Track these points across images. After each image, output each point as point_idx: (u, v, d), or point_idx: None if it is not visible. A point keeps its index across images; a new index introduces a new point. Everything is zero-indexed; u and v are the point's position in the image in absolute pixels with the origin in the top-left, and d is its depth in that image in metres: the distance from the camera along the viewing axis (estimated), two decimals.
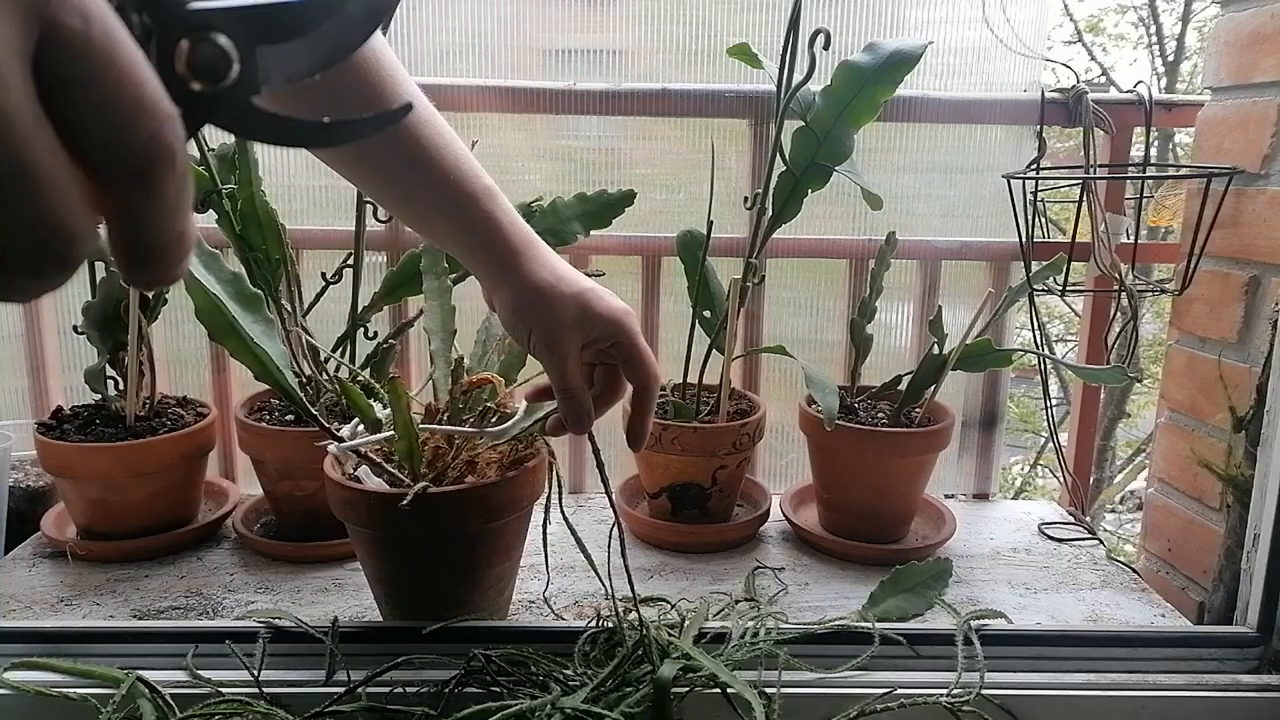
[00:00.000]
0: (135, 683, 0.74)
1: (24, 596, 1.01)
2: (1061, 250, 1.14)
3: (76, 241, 0.23)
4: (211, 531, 1.15)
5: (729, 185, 1.26)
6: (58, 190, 0.22)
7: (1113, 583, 1.09)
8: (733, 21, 1.22)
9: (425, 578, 0.85)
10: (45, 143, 0.22)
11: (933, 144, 1.29)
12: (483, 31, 1.23)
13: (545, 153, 1.30)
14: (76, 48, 0.22)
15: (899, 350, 1.35)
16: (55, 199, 0.22)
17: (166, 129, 0.24)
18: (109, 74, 0.22)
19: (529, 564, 1.00)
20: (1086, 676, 0.82)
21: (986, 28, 1.22)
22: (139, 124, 0.23)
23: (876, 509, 1.14)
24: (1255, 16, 0.96)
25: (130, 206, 0.24)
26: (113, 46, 0.23)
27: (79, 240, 0.23)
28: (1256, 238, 0.96)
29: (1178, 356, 1.08)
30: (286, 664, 0.80)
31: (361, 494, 0.81)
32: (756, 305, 1.31)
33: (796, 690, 0.78)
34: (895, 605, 0.94)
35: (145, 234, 0.25)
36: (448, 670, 0.77)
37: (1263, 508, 0.86)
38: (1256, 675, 0.84)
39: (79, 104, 0.22)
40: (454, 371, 0.89)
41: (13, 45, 0.21)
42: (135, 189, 0.24)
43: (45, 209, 0.22)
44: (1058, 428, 1.61)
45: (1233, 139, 1.00)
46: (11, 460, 1.18)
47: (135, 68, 0.23)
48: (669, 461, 1.12)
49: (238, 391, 1.29)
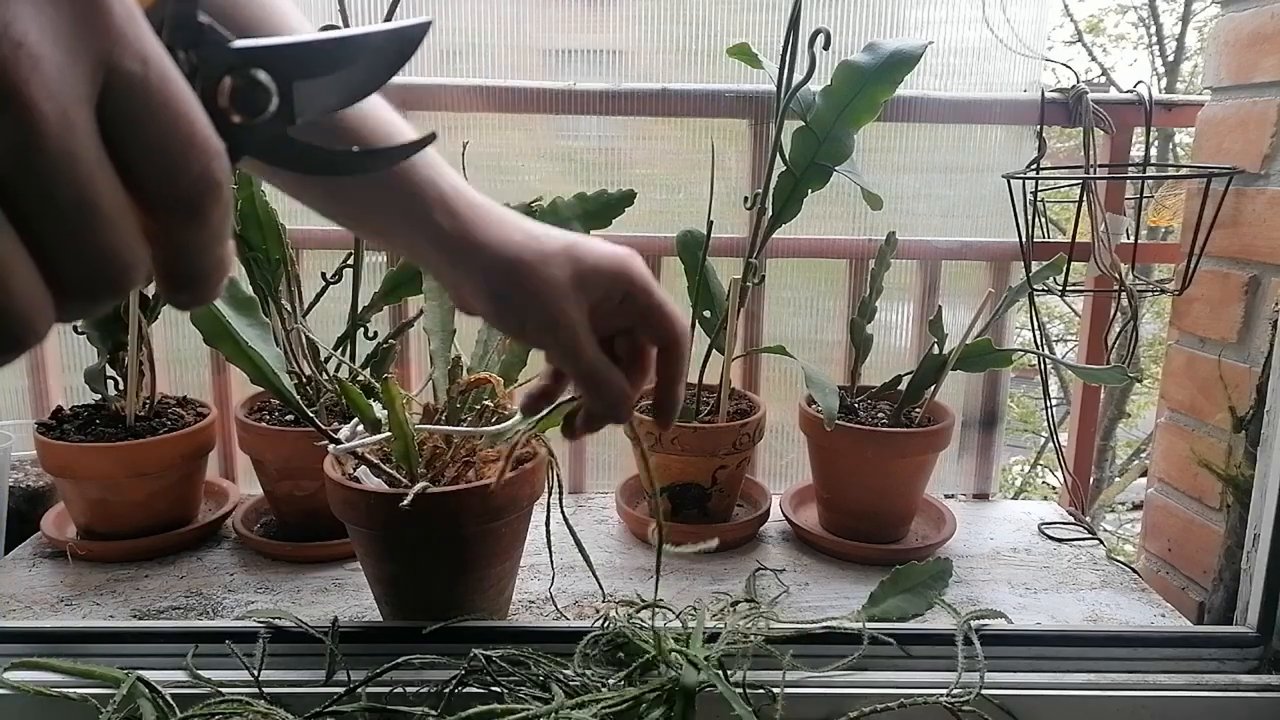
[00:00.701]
0: (135, 683, 0.74)
1: (24, 596, 1.01)
2: (1061, 250, 1.14)
3: (131, 271, 0.25)
4: (211, 531, 1.15)
5: (729, 185, 1.26)
6: (117, 224, 0.24)
7: (1113, 583, 1.09)
8: (733, 21, 1.22)
9: (425, 578, 0.85)
10: (107, 179, 0.23)
11: (933, 144, 1.29)
12: (483, 31, 1.23)
13: (545, 153, 1.30)
14: (136, 90, 0.23)
15: (899, 350, 1.35)
16: (115, 232, 0.24)
17: (215, 164, 0.25)
18: (165, 113, 0.24)
19: (529, 564, 1.00)
20: (1086, 676, 0.82)
21: (986, 28, 1.22)
22: (191, 160, 0.25)
23: (876, 509, 1.14)
24: (1255, 16, 0.96)
25: (179, 236, 0.25)
26: (168, 87, 0.24)
27: (134, 269, 0.25)
28: (1256, 238, 0.96)
29: (1178, 356, 1.08)
30: (286, 664, 0.80)
31: (361, 494, 0.81)
32: (756, 305, 1.31)
33: (797, 690, 0.78)
34: (895, 605, 0.94)
35: (191, 261, 0.26)
36: (448, 670, 0.77)
37: (1263, 508, 0.86)
38: (1256, 675, 0.83)
39: (137, 142, 0.24)
40: (451, 371, 0.89)
41: (80, 91, 0.22)
42: (185, 220, 0.25)
43: (106, 241, 0.24)
44: (1058, 428, 1.61)
45: (1233, 139, 1.00)
46: (11, 460, 1.18)
47: (188, 107, 0.25)
48: (669, 461, 1.12)
49: (238, 391, 1.29)
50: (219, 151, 0.25)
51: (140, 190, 0.24)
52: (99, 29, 0.23)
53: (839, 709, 0.77)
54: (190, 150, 0.24)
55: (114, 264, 0.24)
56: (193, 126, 0.25)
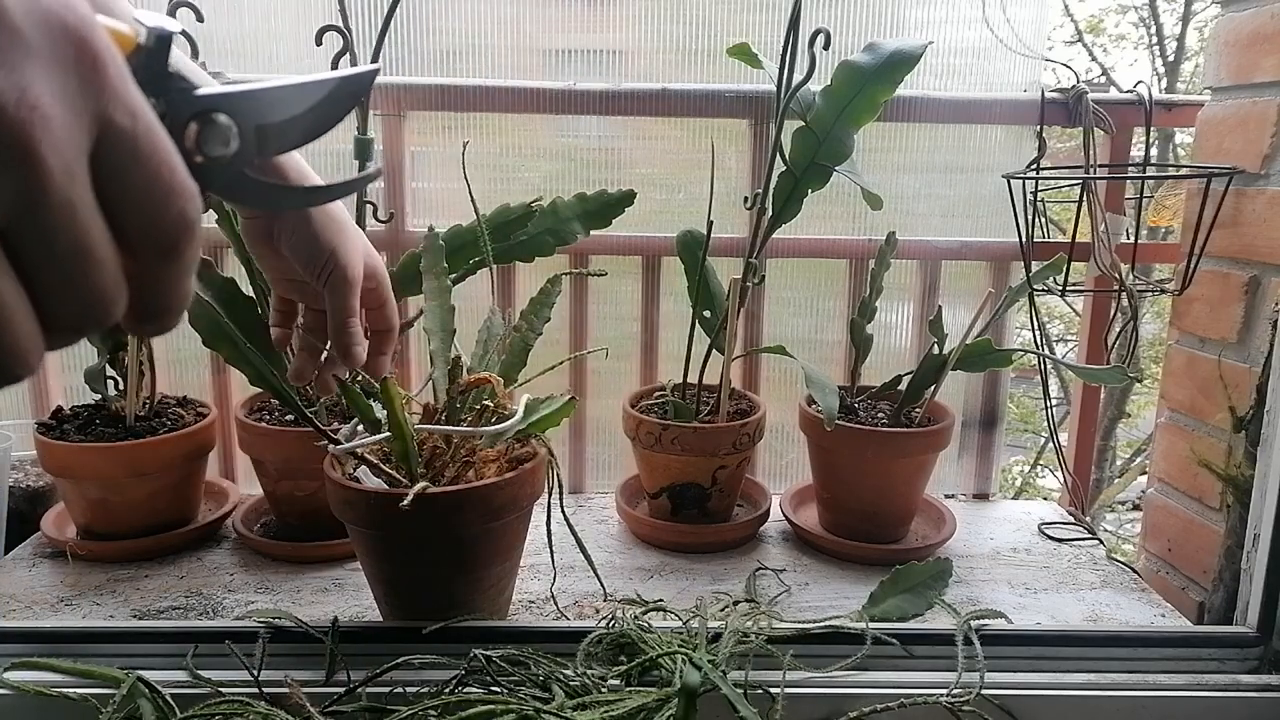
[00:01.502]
0: (135, 683, 0.74)
1: (24, 596, 1.01)
2: (1061, 250, 1.14)
3: (114, 307, 0.27)
4: (211, 531, 1.15)
5: (729, 185, 1.26)
6: (106, 266, 0.26)
7: (1113, 583, 1.09)
8: (733, 21, 1.22)
9: (425, 578, 0.85)
10: (98, 225, 0.25)
11: (933, 144, 1.29)
12: (483, 31, 1.24)
13: (545, 152, 1.30)
14: (125, 142, 0.25)
15: (899, 350, 1.35)
16: (103, 273, 0.26)
17: (191, 206, 0.27)
18: (151, 163, 0.26)
19: (529, 564, 1.00)
20: (1086, 676, 0.82)
21: (986, 28, 1.22)
22: (170, 203, 0.27)
23: (876, 509, 1.14)
24: (1255, 16, 0.96)
25: (154, 272, 0.27)
26: (153, 138, 0.26)
27: (117, 306, 0.27)
28: (1256, 238, 0.96)
29: (1178, 356, 1.08)
30: (286, 664, 0.80)
31: (361, 494, 0.81)
32: (756, 305, 1.31)
33: (797, 690, 0.78)
34: (895, 605, 0.94)
35: (162, 295, 0.28)
36: (448, 670, 0.77)
37: (1263, 508, 0.86)
38: (1256, 675, 0.84)
39: (123, 188, 0.26)
40: (451, 371, 0.89)
41: (81, 145, 0.24)
42: (161, 258, 0.27)
43: (95, 283, 0.26)
44: (1058, 428, 1.60)
45: (1233, 139, 1.00)
46: (11, 460, 1.18)
47: (169, 155, 0.27)
48: (669, 461, 1.12)
49: (238, 391, 1.29)
50: (194, 194, 0.27)
51: (122, 231, 0.26)
52: (97, 87, 0.25)
53: (839, 709, 0.77)
54: (170, 194, 0.26)
55: (102, 303, 0.26)
56: (174, 173, 0.27)
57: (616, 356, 1.32)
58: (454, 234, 1.02)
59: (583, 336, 1.32)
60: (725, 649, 0.78)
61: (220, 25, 1.17)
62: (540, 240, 1.03)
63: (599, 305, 1.31)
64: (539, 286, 0.98)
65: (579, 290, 1.30)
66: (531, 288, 1.04)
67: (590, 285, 1.30)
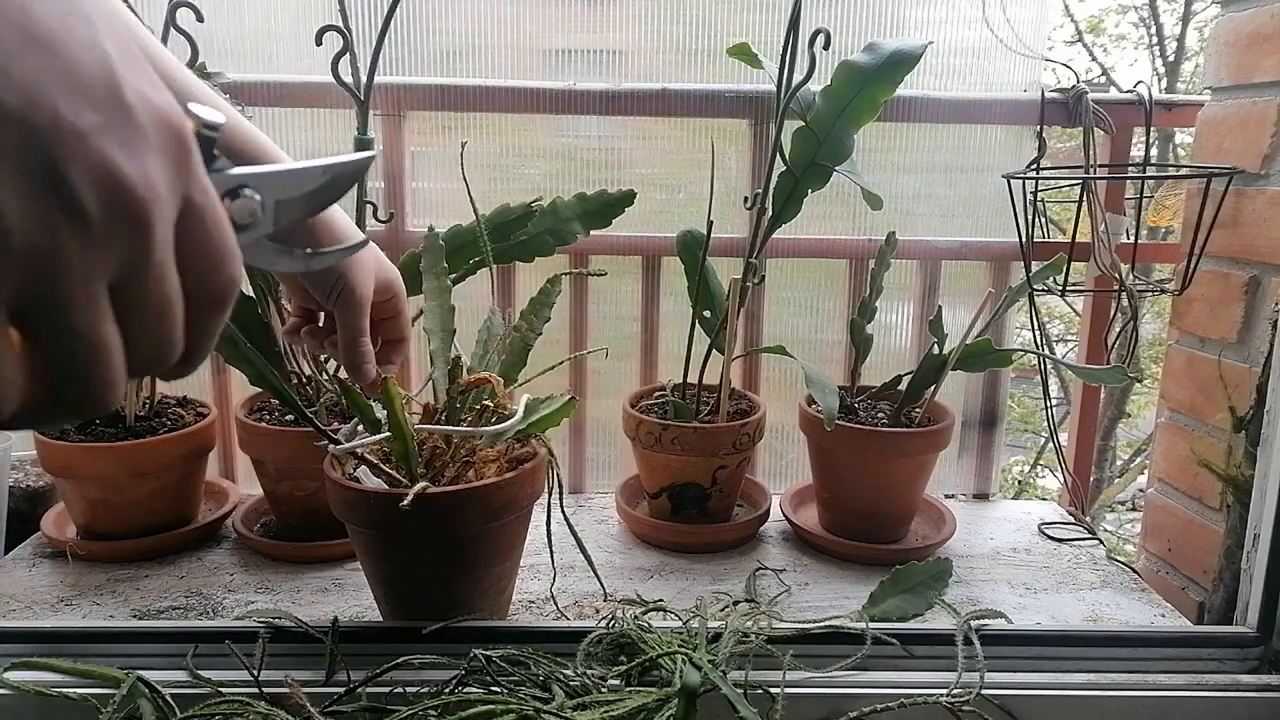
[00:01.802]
0: (135, 683, 0.74)
1: (24, 596, 1.01)
2: (1061, 250, 1.14)
3: (178, 352, 0.31)
4: (211, 531, 1.15)
5: (729, 185, 1.26)
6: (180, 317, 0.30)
7: (1113, 583, 1.09)
8: (733, 21, 1.22)
9: (425, 578, 0.85)
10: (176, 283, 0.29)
11: (933, 144, 1.29)
12: (483, 31, 1.24)
13: (545, 152, 1.30)
14: (198, 216, 0.30)
15: (899, 350, 1.35)
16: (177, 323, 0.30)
17: (238, 269, 0.32)
18: (215, 233, 0.31)
19: (529, 564, 1.00)
20: (1086, 676, 0.82)
21: (986, 28, 1.22)
22: (225, 265, 0.31)
23: (876, 509, 1.14)
24: (1255, 16, 0.96)
25: (202, 322, 0.31)
26: (216, 212, 0.31)
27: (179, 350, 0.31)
28: (1256, 238, 0.96)
29: (1178, 356, 1.08)
30: (286, 664, 0.80)
31: (361, 494, 0.81)
32: (756, 305, 1.31)
33: (797, 690, 0.78)
34: (895, 605, 0.94)
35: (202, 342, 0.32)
36: (448, 670, 0.77)
37: (1263, 508, 0.86)
38: (1256, 675, 0.84)
39: (193, 253, 0.30)
40: (451, 371, 0.89)
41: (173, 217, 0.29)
42: (212, 311, 0.31)
43: (171, 331, 0.30)
44: (1058, 428, 1.60)
45: (1233, 139, 1.00)
46: (11, 460, 1.18)
47: (226, 226, 0.32)
48: (669, 461, 1.12)
49: (238, 391, 1.29)
50: (240, 258, 0.32)
51: (187, 289, 0.31)
52: (186, 172, 0.29)
53: (839, 709, 0.77)
54: (225, 258, 0.31)
55: (173, 346, 0.30)
56: (227, 240, 0.31)
57: (616, 356, 1.32)
58: (454, 234, 1.02)
59: (583, 336, 1.32)
60: (725, 649, 0.78)
61: (220, 25, 1.17)
62: (540, 240, 1.03)
63: (599, 305, 1.31)
64: (539, 286, 0.98)
65: (579, 290, 1.30)
66: (531, 288, 1.04)
67: (590, 285, 1.30)
